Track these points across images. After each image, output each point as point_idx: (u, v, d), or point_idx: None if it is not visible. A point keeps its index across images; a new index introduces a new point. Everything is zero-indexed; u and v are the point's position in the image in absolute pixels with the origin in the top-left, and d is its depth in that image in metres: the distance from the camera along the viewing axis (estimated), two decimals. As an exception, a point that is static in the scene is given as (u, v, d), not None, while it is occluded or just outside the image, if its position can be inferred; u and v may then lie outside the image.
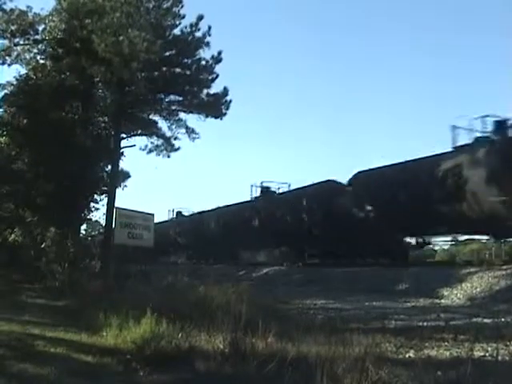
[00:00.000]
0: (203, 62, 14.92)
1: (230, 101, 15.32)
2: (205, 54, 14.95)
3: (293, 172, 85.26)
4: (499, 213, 13.58)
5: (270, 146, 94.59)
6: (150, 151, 16.70)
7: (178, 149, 16.70)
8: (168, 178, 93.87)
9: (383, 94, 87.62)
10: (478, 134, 15.39)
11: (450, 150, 15.97)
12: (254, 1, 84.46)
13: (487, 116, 15.30)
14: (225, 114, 15.45)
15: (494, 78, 79.47)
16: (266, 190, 25.47)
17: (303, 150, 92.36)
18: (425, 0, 77.36)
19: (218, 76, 15.12)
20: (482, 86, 79.26)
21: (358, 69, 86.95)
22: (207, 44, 14.78)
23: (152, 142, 16.56)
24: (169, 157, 16.72)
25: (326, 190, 20.00)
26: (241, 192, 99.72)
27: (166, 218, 36.27)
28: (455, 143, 15.79)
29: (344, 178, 20.64)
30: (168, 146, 16.45)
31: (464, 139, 15.60)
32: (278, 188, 25.52)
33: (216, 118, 15.52)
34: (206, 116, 15.51)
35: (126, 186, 20.01)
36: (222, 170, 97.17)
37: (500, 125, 15.02)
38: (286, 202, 22.42)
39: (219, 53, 14.99)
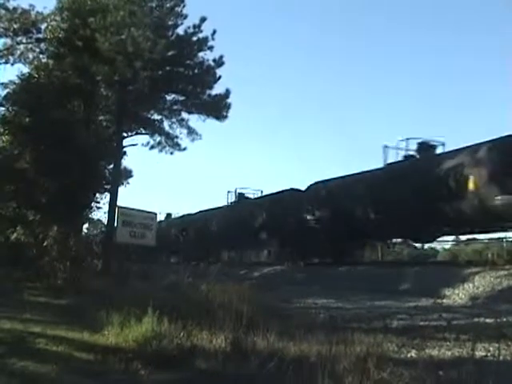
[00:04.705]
0: (206, 65, 14.95)
1: (230, 103, 15.38)
2: (207, 56, 15.02)
3: (292, 174, 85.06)
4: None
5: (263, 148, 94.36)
6: (152, 147, 16.72)
7: (185, 149, 16.72)
8: (160, 179, 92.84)
9: (383, 93, 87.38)
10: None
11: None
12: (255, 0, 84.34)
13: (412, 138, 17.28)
14: (226, 116, 15.42)
15: (495, 77, 79.17)
16: (239, 196, 27.94)
17: (302, 152, 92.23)
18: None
19: (220, 77, 15.14)
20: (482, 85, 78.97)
21: (358, 69, 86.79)
22: (210, 48, 14.82)
23: (154, 139, 16.60)
24: (172, 153, 16.75)
25: (287, 196, 21.96)
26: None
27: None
28: (386, 161, 17.72)
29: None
30: (171, 143, 16.45)
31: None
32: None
33: (217, 118, 15.49)
34: (207, 116, 15.50)
35: (128, 183, 20.04)
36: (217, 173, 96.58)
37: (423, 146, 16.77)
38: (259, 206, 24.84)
39: (221, 57, 15.04)
